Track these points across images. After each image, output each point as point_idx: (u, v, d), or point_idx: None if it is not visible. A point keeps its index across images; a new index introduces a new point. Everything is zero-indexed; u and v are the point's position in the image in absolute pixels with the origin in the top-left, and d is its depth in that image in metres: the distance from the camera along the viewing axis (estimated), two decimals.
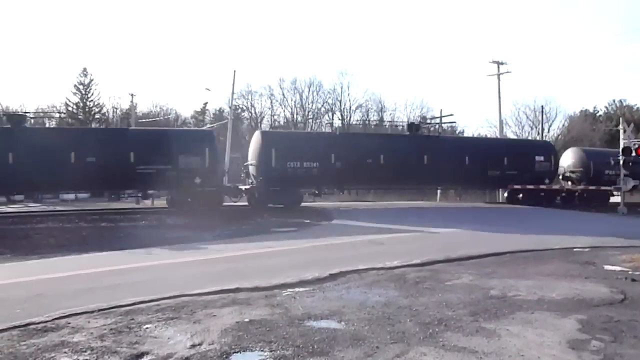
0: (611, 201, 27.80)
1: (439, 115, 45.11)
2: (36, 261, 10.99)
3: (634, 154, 23.93)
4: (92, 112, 56.15)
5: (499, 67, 41.07)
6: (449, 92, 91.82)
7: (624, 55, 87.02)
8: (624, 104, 61.11)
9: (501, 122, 42.64)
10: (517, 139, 47.54)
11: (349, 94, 62.27)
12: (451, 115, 52.22)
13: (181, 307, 6.51)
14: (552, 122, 57.65)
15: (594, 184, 27.68)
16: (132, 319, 5.95)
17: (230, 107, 45.85)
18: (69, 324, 5.79)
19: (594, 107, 63.54)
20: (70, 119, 53.95)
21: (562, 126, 58.61)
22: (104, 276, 8.80)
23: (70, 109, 56.11)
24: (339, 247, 12.57)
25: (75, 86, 55.64)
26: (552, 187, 27.80)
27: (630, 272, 8.86)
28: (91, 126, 49.67)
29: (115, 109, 60.70)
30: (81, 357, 4.75)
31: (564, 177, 29.10)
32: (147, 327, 5.66)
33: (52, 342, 5.15)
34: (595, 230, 16.10)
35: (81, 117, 54.59)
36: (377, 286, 7.80)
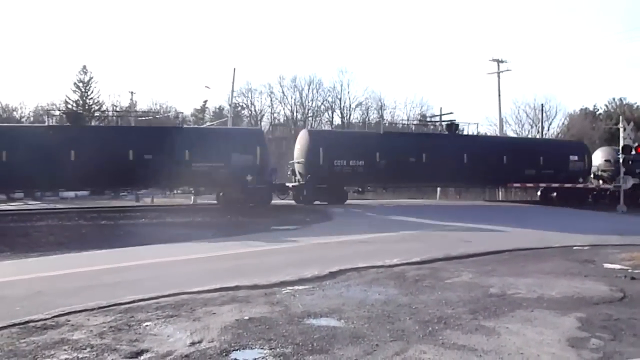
0: None
1: (439, 113, 45.07)
2: (36, 259, 10.99)
3: (633, 153, 23.97)
4: (92, 110, 56.09)
5: (498, 65, 41.15)
6: (449, 90, 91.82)
7: (624, 53, 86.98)
8: (624, 102, 60.99)
9: (501, 120, 42.70)
10: (552, 139, 47.23)
11: (348, 92, 62.12)
12: (451, 113, 52.16)
13: (181, 304, 6.51)
14: (552, 120, 57.66)
15: None
16: (132, 317, 5.96)
17: (230, 105, 45.81)
18: (69, 321, 5.79)
19: (594, 106, 63.46)
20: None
21: (562, 124, 58.59)
22: (103, 274, 8.80)
23: (70, 106, 56.06)
24: (339, 245, 12.57)
25: (75, 84, 55.62)
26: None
27: (629, 271, 8.86)
28: (91, 124, 49.56)
29: (114, 107, 60.66)
30: (81, 355, 4.75)
31: (595, 175, 29.39)
32: (147, 325, 5.66)
33: (52, 340, 5.15)
34: (594, 228, 16.12)
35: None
36: (377, 284, 7.81)
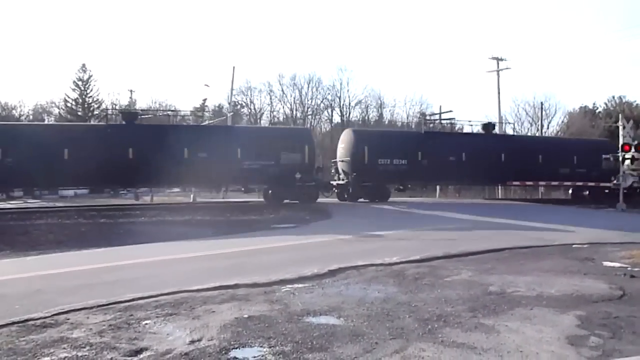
0: None
1: (439, 111, 45.06)
2: (35, 257, 10.99)
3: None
4: (91, 108, 56.06)
5: (498, 64, 41.19)
6: (449, 89, 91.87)
7: (624, 51, 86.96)
8: (624, 101, 61.02)
9: (500, 118, 42.69)
10: (586, 139, 47.61)
11: (348, 90, 62.28)
12: (450, 111, 52.27)
13: (180, 303, 6.50)
14: (552, 118, 57.72)
15: None
16: (131, 315, 5.95)
17: (229, 103, 45.86)
18: (68, 319, 5.78)
19: (594, 104, 63.52)
20: (69, 115, 53.87)
21: (562, 122, 58.66)
22: (102, 272, 8.80)
23: (69, 104, 56.04)
24: (338, 244, 12.57)
25: (74, 82, 55.50)
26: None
27: (629, 269, 8.85)
28: (90, 122, 49.51)
29: (114, 105, 60.62)
30: (80, 353, 4.74)
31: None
32: (146, 323, 5.66)
33: (51, 338, 5.15)
34: (594, 226, 16.12)
35: (80, 113, 54.51)
36: (376, 282, 7.80)
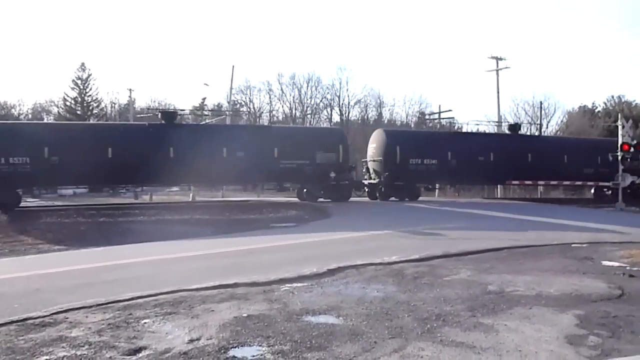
0: None
1: (438, 110, 45.08)
2: (34, 256, 10.98)
3: (632, 150, 23.96)
4: (90, 107, 56.02)
5: (497, 63, 41.17)
6: (448, 88, 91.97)
7: (623, 51, 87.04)
8: (623, 100, 60.98)
9: (500, 117, 42.72)
10: (610, 139, 48.07)
11: (347, 90, 62.28)
12: (450, 110, 52.25)
13: (179, 302, 6.50)
14: (551, 117, 57.74)
15: None
16: (130, 314, 5.95)
17: (228, 103, 45.91)
18: (67, 318, 5.78)
19: (593, 103, 63.48)
20: (68, 114, 53.83)
21: (561, 122, 58.63)
22: (101, 271, 8.79)
23: (68, 103, 56.00)
24: (337, 243, 12.56)
25: (73, 81, 55.52)
26: None
27: (628, 268, 8.85)
28: (89, 121, 49.53)
29: (113, 104, 60.64)
30: (79, 352, 4.73)
31: None
32: (145, 322, 5.65)
33: (50, 337, 5.14)
34: (593, 225, 16.11)
35: (79, 112, 54.47)
36: (375, 281, 7.80)
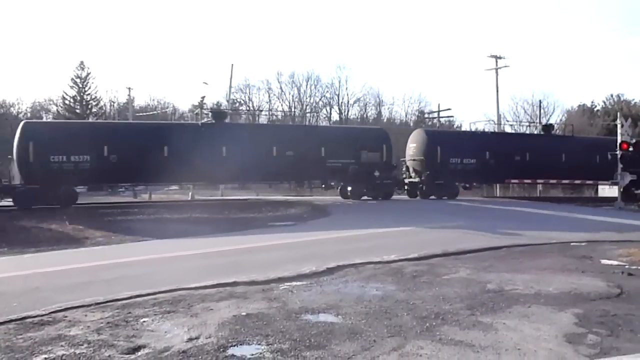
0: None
1: (437, 109, 45.13)
2: (33, 255, 10.97)
3: (631, 149, 23.96)
4: (89, 106, 55.94)
5: (496, 62, 41.09)
6: (447, 87, 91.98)
7: (623, 49, 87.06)
8: (622, 99, 60.89)
9: (499, 116, 42.69)
10: None
11: (346, 88, 62.29)
12: (449, 109, 52.29)
13: (178, 300, 6.50)
14: (550, 116, 57.71)
15: None
16: (129, 313, 5.94)
17: (227, 101, 45.83)
18: (66, 317, 5.78)
19: (592, 102, 63.38)
20: (67, 113, 53.76)
21: (560, 121, 58.62)
22: (100, 270, 8.80)
23: (67, 102, 55.91)
24: (336, 241, 12.56)
25: (72, 79, 55.37)
26: None
27: (626, 267, 8.86)
28: (88, 120, 49.49)
29: (112, 103, 60.57)
30: (78, 351, 4.73)
31: None
32: (144, 321, 5.65)
33: (49, 336, 5.14)
34: (592, 224, 16.12)
35: (78, 110, 54.39)
36: (374, 280, 7.80)
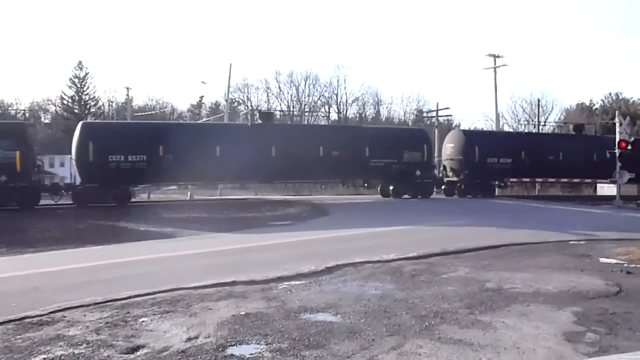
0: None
1: (436, 108, 45.07)
2: (32, 255, 10.96)
3: (629, 147, 24.00)
4: (88, 106, 55.91)
5: (495, 61, 41.08)
6: (446, 86, 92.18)
7: (621, 48, 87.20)
8: (620, 97, 61.03)
9: (497, 115, 42.77)
10: None
11: (345, 87, 62.47)
12: (447, 108, 52.30)
13: (177, 300, 6.49)
14: (549, 115, 57.97)
15: None
16: (128, 313, 5.94)
17: (226, 101, 45.89)
18: (65, 317, 5.77)
19: (590, 101, 63.54)
20: (65, 113, 53.72)
21: (559, 119, 58.74)
22: (99, 270, 8.79)
23: (65, 102, 55.89)
24: (335, 241, 12.54)
25: (70, 79, 55.46)
26: None
27: (625, 265, 8.87)
28: (87, 119, 49.46)
29: (110, 103, 60.51)
30: (77, 351, 4.73)
31: None
32: (143, 321, 5.65)
33: (48, 336, 5.14)
34: (591, 223, 16.12)
35: (77, 110, 54.35)
36: (374, 279, 7.80)
